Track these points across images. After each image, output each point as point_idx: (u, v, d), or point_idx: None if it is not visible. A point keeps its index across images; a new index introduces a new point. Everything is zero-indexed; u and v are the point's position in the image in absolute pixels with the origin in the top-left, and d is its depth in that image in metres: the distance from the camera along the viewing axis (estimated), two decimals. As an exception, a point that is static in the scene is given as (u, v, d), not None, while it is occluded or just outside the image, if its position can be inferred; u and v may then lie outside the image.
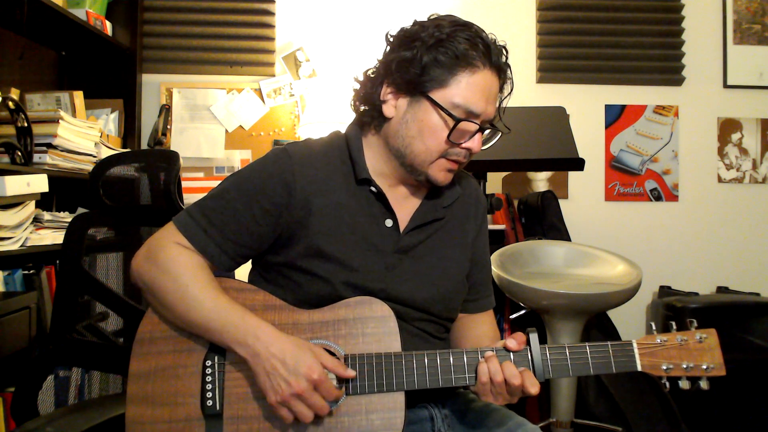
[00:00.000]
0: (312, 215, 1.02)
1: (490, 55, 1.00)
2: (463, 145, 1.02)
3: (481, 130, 1.03)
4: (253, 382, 0.94)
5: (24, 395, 1.27)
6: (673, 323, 0.97)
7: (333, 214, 1.03)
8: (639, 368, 0.95)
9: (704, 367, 0.94)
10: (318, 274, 1.01)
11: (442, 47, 0.99)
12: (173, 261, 0.99)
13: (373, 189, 1.06)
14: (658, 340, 0.95)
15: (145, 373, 0.98)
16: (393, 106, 1.04)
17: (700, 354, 0.94)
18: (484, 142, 1.08)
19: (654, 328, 0.98)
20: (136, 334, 1.01)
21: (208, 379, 0.96)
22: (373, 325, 0.98)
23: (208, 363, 0.97)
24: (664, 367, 0.94)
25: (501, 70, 1.03)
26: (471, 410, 1.09)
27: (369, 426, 0.93)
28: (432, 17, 1.05)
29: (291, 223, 1.02)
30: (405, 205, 1.10)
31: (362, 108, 1.10)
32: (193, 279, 0.97)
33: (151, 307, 1.02)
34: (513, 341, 0.95)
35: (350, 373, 0.94)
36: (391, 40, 1.06)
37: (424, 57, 0.99)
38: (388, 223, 1.06)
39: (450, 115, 0.99)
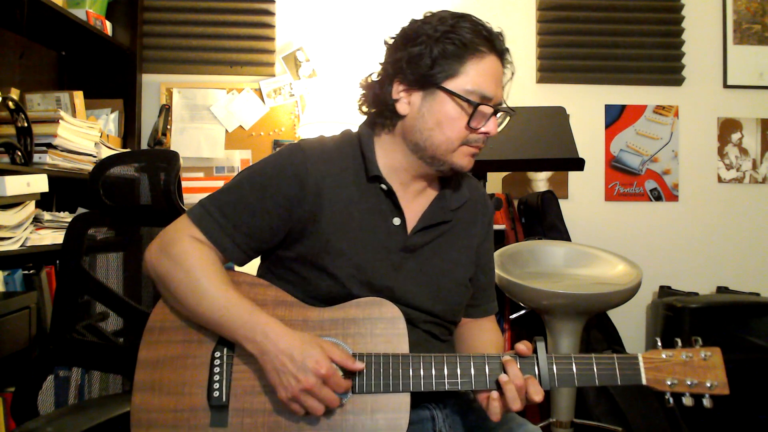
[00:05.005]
0: (323, 210, 1.03)
1: (493, 41, 1.05)
2: (482, 130, 1.05)
3: (496, 113, 1.06)
4: (261, 376, 0.95)
5: (24, 395, 1.27)
6: (678, 340, 0.97)
7: (343, 209, 1.04)
8: (644, 382, 0.95)
9: (708, 384, 0.94)
10: (326, 270, 1.02)
11: (448, 39, 1.01)
12: (186, 254, 0.99)
13: (383, 186, 1.07)
14: (664, 356, 0.95)
15: (153, 362, 0.99)
16: (407, 102, 1.06)
17: (704, 371, 0.94)
18: (498, 125, 1.10)
19: (659, 343, 0.98)
20: (146, 322, 1.02)
21: (216, 370, 0.97)
22: (382, 326, 0.98)
23: (217, 354, 0.98)
24: (669, 382, 0.94)
25: (503, 54, 1.07)
26: (472, 410, 1.09)
27: (373, 425, 0.93)
28: (428, 14, 1.07)
29: (302, 217, 1.03)
30: (414, 206, 1.10)
31: (373, 110, 1.11)
32: (205, 273, 0.98)
33: (163, 298, 1.03)
34: (523, 346, 0.96)
35: (359, 365, 0.94)
36: (392, 42, 1.08)
37: (433, 50, 1.01)
38: (396, 221, 1.07)
39: (467, 101, 1.02)
